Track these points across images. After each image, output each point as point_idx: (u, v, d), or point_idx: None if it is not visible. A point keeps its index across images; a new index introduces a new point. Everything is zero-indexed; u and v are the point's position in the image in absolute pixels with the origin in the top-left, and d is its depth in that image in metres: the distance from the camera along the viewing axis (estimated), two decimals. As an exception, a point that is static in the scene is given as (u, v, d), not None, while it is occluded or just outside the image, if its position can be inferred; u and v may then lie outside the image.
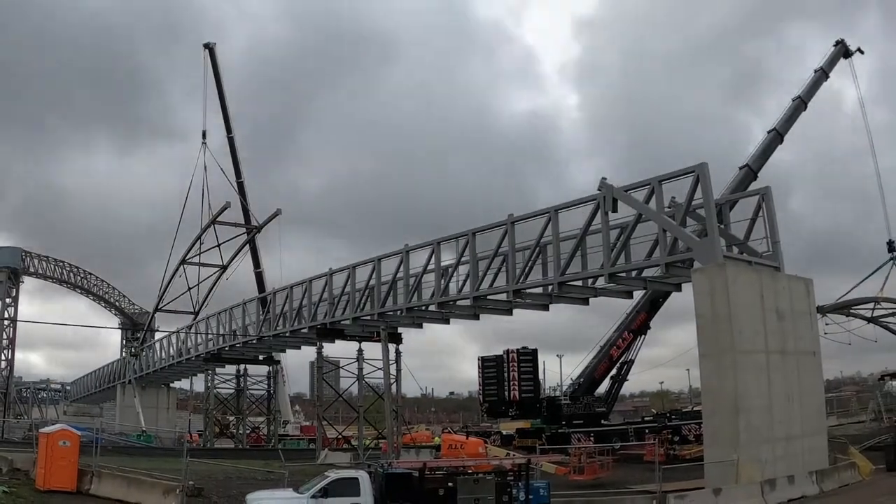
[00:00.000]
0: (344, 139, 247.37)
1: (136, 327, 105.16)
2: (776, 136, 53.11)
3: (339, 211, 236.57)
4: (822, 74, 56.48)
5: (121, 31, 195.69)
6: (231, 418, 78.16)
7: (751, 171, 50.88)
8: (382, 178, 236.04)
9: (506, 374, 60.74)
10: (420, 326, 52.56)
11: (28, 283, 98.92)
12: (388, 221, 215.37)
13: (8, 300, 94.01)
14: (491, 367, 61.73)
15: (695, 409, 55.54)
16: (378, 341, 51.99)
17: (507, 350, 61.35)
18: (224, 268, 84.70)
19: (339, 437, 61.04)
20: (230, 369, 75.63)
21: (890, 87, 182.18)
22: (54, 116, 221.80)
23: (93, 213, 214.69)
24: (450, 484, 24.64)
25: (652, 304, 54.39)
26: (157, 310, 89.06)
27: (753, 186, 47.05)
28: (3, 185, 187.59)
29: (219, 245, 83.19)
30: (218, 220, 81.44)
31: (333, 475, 25.36)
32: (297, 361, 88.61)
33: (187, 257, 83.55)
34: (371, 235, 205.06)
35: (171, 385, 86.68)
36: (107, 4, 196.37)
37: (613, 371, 58.00)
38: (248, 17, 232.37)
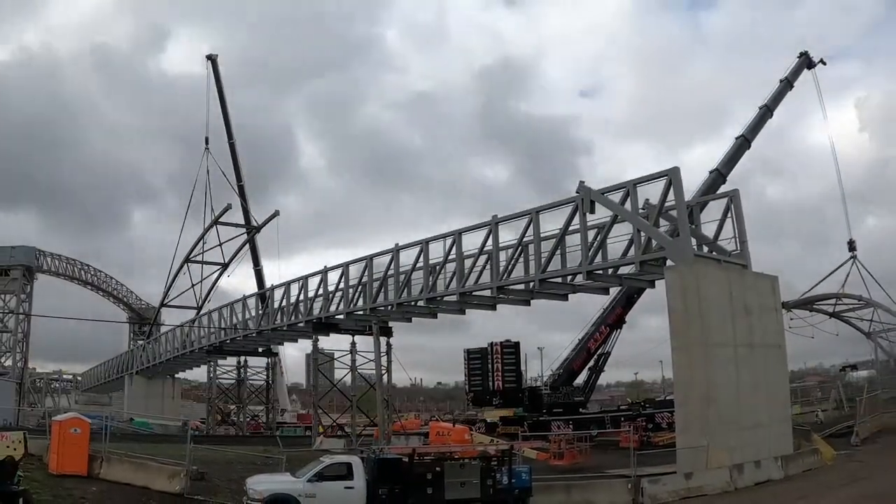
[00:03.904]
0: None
1: (142, 321, 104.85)
2: (744, 142, 53.28)
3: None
4: (787, 84, 56.68)
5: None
6: (232, 407, 78.01)
7: (720, 175, 51.04)
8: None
9: (490, 366, 60.79)
10: (409, 321, 52.50)
11: (41, 279, 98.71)
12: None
13: (23, 296, 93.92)
14: (476, 359, 61.77)
15: (667, 398, 55.59)
16: (370, 335, 52.06)
17: (492, 343, 61.39)
18: (225, 266, 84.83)
19: (334, 424, 61.00)
20: (231, 361, 75.68)
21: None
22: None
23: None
24: (437, 469, 24.62)
25: (627, 300, 54.52)
26: (162, 305, 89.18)
27: (722, 189, 47.15)
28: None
29: (220, 244, 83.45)
30: (219, 220, 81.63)
31: (328, 460, 25.36)
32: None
33: (191, 256, 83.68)
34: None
35: (176, 376, 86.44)
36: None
37: (591, 363, 58.09)
38: None
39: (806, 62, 58.65)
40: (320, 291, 54.02)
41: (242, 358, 75.70)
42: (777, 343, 35.79)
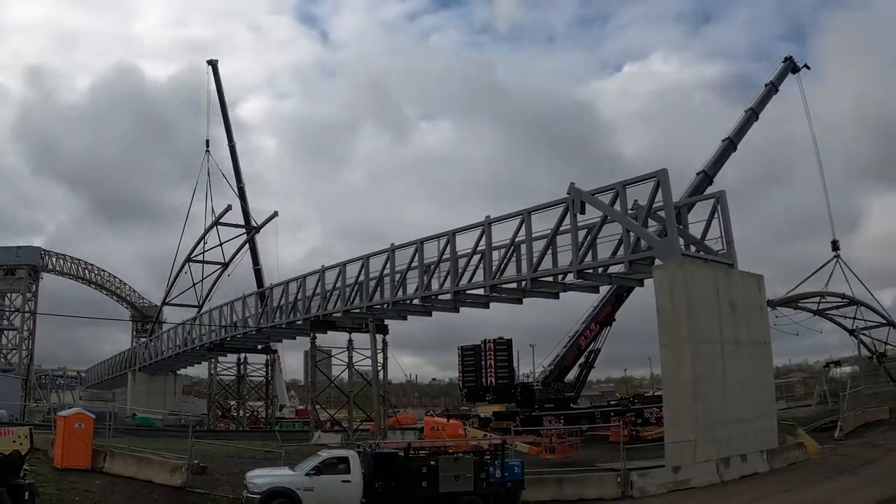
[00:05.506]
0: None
1: (145, 319, 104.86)
2: (730, 145, 53.24)
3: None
4: (772, 88, 56.70)
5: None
6: (232, 403, 77.89)
7: (707, 177, 50.98)
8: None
9: (483, 362, 60.73)
10: (405, 318, 52.52)
11: (46, 278, 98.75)
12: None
13: (28, 295, 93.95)
14: (470, 356, 61.69)
15: (656, 393, 55.64)
16: (367, 332, 52.09)
17: (485, 340, 61.33)
18: (226, 265, 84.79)
19: (331, 419, 61.10)
20: (231, 358, 75.43)
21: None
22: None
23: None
24: (432, 463, 24.69)
25: (617, 298, 54.45)
26: (164, 303, 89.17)
27: (709, 191, 47.19)
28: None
29: (221, 244, 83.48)
30: (220, 221, 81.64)
31: (326, 454, 25.38)
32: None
33: (192, 255, 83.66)
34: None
35: (178, 372, 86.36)
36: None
37: (582, 359, 58.09)
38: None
39: (791, 66, 58.78)
40: (318, 290, 54.01)
41: (242, 355, 75.62)
42: (763, 340, 35.87)
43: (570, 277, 38.80)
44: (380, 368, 52.67)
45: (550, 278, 39.29)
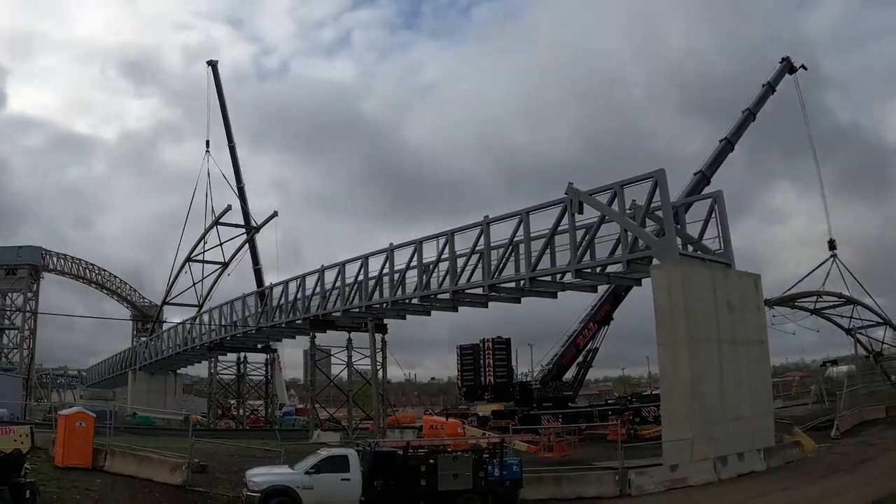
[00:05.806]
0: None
1: (145, 319, 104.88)
2: (727, 145, 53.22)
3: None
4: (769, 88, 56.66)
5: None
6: (232, 402, 77.93)
7: (704, 177, 50.97)
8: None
9: (482, 361, 60.72)
10: (404, 318, 52.54)
11: (47, 278, 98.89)
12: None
13: (29, 294, 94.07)
14: (468, 355, 61.70)
15: (653, 392, 55.63)
16: (366, 331, 52.11)
17: (483, 339, 61.32)
18: (226, 265, 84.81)
19: (331, 418, 61.11)
20: (231, 357, 75.62)
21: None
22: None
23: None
24: (431, 461, 24.64)
25: (615, 298, 54.38)
26: (164, 303, 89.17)
27: (707, 191, 47.19)
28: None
29: (221, 244, 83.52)
30: (220, 221, 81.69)
31: (325, 453, 25.32)
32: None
33: (192, 255, 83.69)
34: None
35: (178, 371, 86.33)
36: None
37: (580, 358, 58.06)
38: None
39: (787, 67, 58.74)
40: (317, 290, 54.03)
41: (242, 354, 75.69)
42: (760, 339, 35.85)
43: (568, 277, 38.76)
44: (379, 367, 52.74)
45: (549, 278, 39.27)
